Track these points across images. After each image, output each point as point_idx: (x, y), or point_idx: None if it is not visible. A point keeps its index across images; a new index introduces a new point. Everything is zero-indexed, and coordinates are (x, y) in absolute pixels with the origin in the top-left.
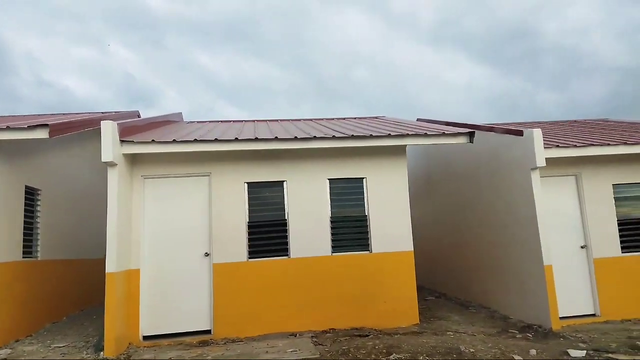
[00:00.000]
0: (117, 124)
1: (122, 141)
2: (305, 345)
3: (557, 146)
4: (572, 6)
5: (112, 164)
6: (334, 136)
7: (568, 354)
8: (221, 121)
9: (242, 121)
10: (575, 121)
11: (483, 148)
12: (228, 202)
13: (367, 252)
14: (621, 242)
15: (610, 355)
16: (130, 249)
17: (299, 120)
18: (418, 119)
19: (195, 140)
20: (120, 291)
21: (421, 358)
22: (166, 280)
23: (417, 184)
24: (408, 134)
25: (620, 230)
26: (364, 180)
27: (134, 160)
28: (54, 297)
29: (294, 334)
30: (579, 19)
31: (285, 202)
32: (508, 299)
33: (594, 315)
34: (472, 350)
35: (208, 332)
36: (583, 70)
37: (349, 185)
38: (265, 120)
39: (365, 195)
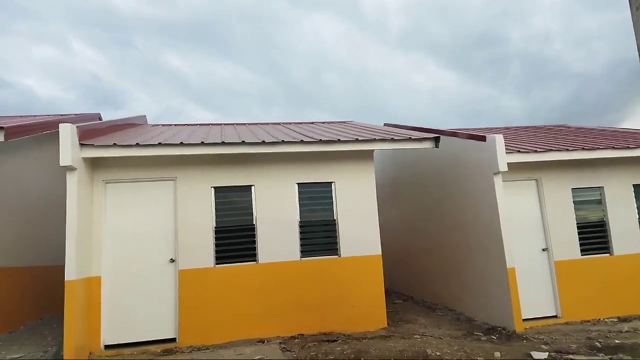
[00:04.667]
0: (77, 126)
1: (81, 144)
2: (273, 351)
3: (519, 151)
4: (535, 14)
5: (71, 168)
6: (302, 140)
7: (531, 356)
8: (188, 124)
9: (209, 124)
10: (536, 127)
11: (448, 153)
12: (194, 207)
13: (336, 256)
14: (580, 244)
15: (570, 356)
16: (91, 256)
17: (268, 124)
18: (385, 124)
19: (160, 144)
20: (80, 299)
21: None
22: (129, 287)
23: (385, 187)
24: (375, 138)
25: (579, 233)
26: (333, 184)
27: (94, 164)
28: (8, 305)
29: (261, 341)
30: (542, 27)
31: (254, 207)
32: (473, 301)
33: (555, 316)
34: (438, 353)
35: (173, 340)
36: (545, 76)
37: (318, 190)
38: (233, 124)
39: (334, 199)
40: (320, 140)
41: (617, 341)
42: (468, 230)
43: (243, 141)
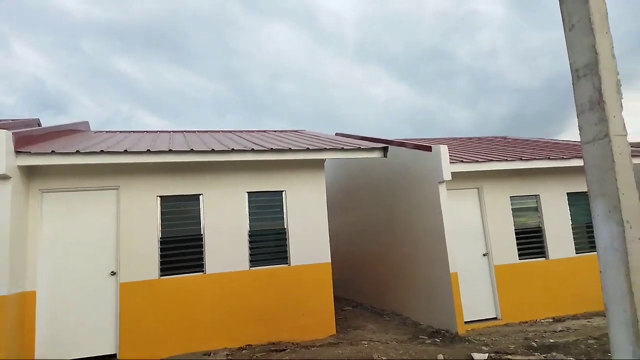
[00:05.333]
0: (12, 133)
1: (17, 152)
2: None
3: (462, 161)
4: (482, 31)
5: (4, 177)
6: (252, 149)
7: (472, 357)
8: (134, 132)
9: (157, 132)
10: (479, 138)
11: (397, 162)
12: (138, 216)
13: (286, 265)
14: (518, 249)
15: (509, 356)
16: (25, 269)
17: (219, 131)
18: (337, 134)
19: (102, 152)
20: (12, 315)
21: None
22: (67, 301)
23: (338, 195)
24: (326, 148)
25: (517, 239)
26: (284, 193)
27: (31, 173)
28: None
29: (208, 353)
30: (488, 43)
31: (202, 216)
32: (419, 306)
33: (495, 318)
34: (384, 358)
35: (113, 356)
36: (491, 90)
37: (269, 199)
38: (183, 132)
39: (284, 208)
40: (271, 149)
41: (551, 340)
42: (414, 237)
43: (191, 149)
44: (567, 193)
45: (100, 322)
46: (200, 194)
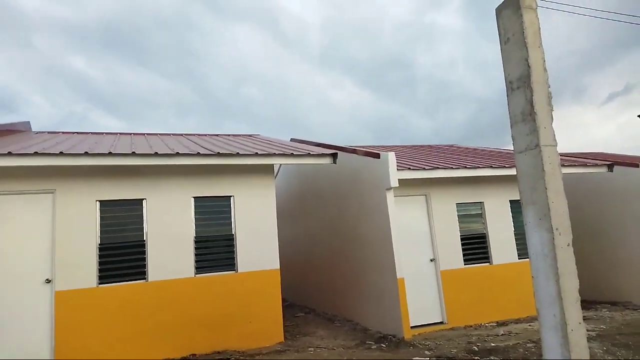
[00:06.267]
0: None
1: None
2: None
3: (409, 168)
4: (442, 41)
5: None
6: (198, 153)
7: None
8: (78, 133)
9: (103, 133)
10: (430, 146)
11: (348, 169)
12: (76, 222)
13: (233, 271)
14: (464, 255)
15: None
16: None
17: (169, 134)
18: (292, 139)
19: (36, 154)
20: None
21: None
22: None
23: (292, 202)
24: (275, 153)
25: (463, 245)
26: (232, 198)
27: None
28: None
29: None
30: (447, 53)
31: (145, 222)
32: (368, 311)
33: (442, 322)
34: None
35: None
36: (449, 99)
37: (216, 204)
38: (130, 134)
39: (232, 214)
40: (218, 153)
41: (492, 344)
42: (364, 243)
43: (133, 152)
44: (510, 200)
45: (33, 333)
46: (143, 199)
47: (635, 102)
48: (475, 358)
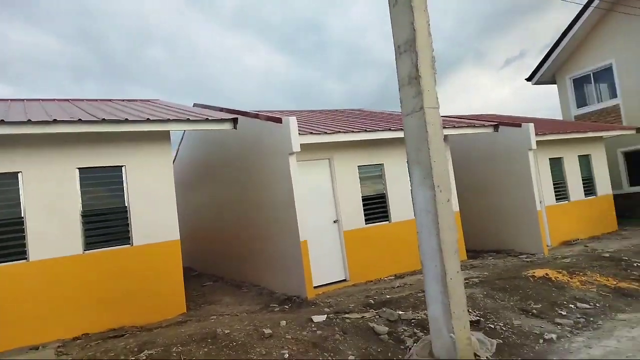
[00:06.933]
0: None
1: None
2: (46, 357)
3: (312, 133)
4: (354, 6)
5: None
6: (80, 119)
7: (312, 320)
8: None
9: None
10: (337, 110)
11: (252, 134)
12: None
13: (128, 245)
14: (365, 215)
15: (346, 315)
16: None
17: (53, 100)
18: (195, 104)
19: None
20: None
21: (174, 349)
22: None
23: (198, 169)
24: (169, 119)
25: (364, 205)
26: (123, 168)
27: None
28: None
29: (36, 347)
30: (360, 18)
31: (22, 197)
32: (274, 275)
33: (345, 280)
34: (227, 331)
35: None
36: (362, 64)
37: (105, 175)
38: (8, 100)
39: (124, 184)
40: (104, 119)
41: (388, 296)
42: (269, 208)
43: (2, 120)
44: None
45: None
46: (18, 172)
47: (530, 66)
48: (370, 310)
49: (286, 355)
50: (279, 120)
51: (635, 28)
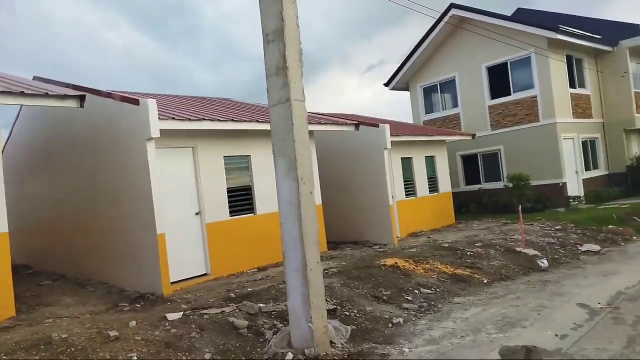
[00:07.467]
0: None
1: None
2: None
3: (173, 118)
4: None
5: None
6: None
7: (166, 318)
8: None
9: None
10: (204, 98)
11: (105, 116)
12: None
13: None
14: (230, 207)
15: (204, 310)
16: None
17: None
18: (35, 77)
19: None
20: None
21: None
22: None
23: (38, 152)
24: None
25: (229, 197)
26: None
27: None
28: None
29: None
30: (234, 6)
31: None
32: (125, 272)
33: (206, 274)
34: (64, 335)
35: None
36: (235, 55)
37: None
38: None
39: None
40: None
41: (249, 289)
42: (122, 199)
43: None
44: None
45: None
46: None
47: (388, 74)
48: (231, 304)
49: (134, 358)
50: (135, 102)
51: (476, 46)
